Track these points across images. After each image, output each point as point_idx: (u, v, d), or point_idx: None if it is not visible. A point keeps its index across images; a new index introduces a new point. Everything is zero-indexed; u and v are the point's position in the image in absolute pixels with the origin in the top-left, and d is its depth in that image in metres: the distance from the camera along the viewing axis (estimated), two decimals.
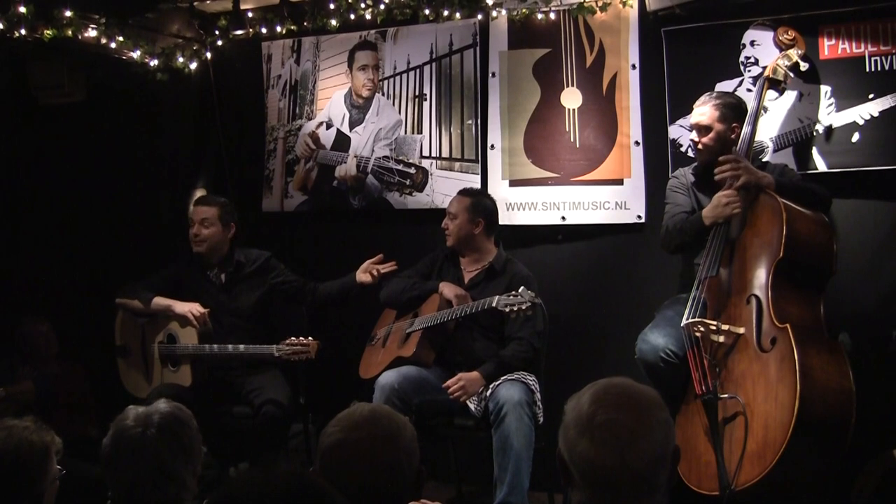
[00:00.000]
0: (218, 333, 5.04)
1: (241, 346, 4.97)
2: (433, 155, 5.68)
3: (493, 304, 4.45)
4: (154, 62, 5.80)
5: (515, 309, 4.36)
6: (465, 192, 5.03)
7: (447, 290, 4.82)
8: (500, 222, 5.29)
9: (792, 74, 4.54)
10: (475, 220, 4.89)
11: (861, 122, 4.64)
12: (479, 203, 4.95)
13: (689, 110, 4.59)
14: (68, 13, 5.14)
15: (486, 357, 4.71)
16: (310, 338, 4.88)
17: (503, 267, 4.88)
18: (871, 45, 4.64)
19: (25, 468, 2.70)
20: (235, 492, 1.69)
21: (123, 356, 5.29)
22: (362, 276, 5.11)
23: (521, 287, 4.43)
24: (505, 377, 4.55)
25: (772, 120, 4.81)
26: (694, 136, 4.50)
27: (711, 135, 4.42)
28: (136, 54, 5.68)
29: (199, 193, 6.14)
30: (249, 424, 4.86)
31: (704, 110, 4.44)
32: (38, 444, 2.75)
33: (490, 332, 4.76)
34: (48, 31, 5.11)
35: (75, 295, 6.03)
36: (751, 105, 4.42)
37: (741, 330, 3.99)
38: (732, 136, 4.39)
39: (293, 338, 4.88)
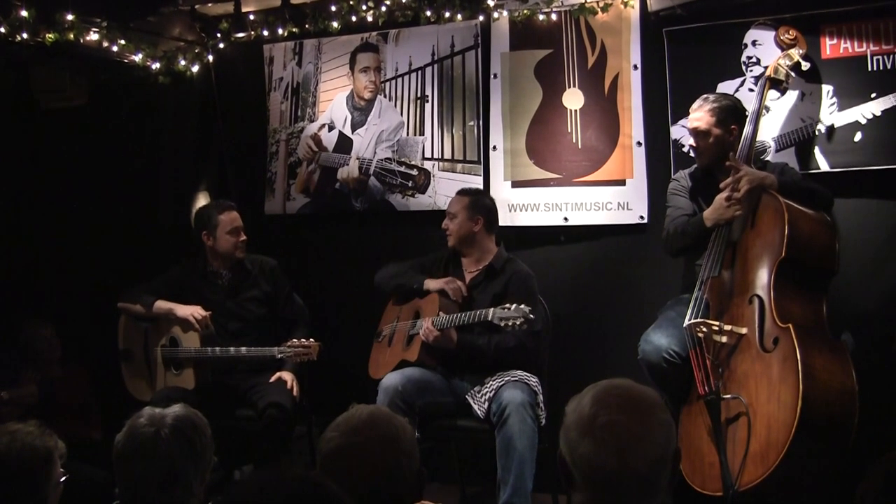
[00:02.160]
0: (223, 338, 5.03)
1: (243, 349, 4.97)
2: (435, 156, 5.69)
3: (489, 318, 4.46)
4: (156, 65, 5.81)
5: (510, 324, 4.37)
6: (463, 192, 5.04)
7: (434, 284, 4.88)
8: (503, 223, 5.29)
9: (793, 74, 4.54)
10: (474, 217, 4.90)
11: (863, 121, 4.64)
12: (478, 201, 4.96)
13: (690, 110, 4.57)
14: (70, 17, 5.14)
15: None
16: (311, 339, 4.88)
17: (503, 266, 4.88)
18: (872, 44, 4.63)
19: (29, 473, 2.70)
20: (246, 493, 1.69)
21: (126, 360, 5.29)
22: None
23: (514, 305, 4.41)
24: (507, 378, 4.55)
25: (773, 120, 4.81)
26: (692, 140, 4.50)
27: (710, 139, 4.41)
28: (137, 58, 5.69)
29: (202, 197, 6.15)
30: (253, 427, 4.86)
31: (700, 115, 4.43)
32: (41, 448, 2.75)
33: (493, 333, 4.75)
34: (50, 35, 5.12)
35: (78, 298, 6.03)
36: (752, 105, 4.42)
37: (743, 330, 3.99)
38: (731, 138, 4.39)
39: (294, 339, 4.88)
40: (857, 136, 4.65)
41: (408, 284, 5.01)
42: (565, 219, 5.35)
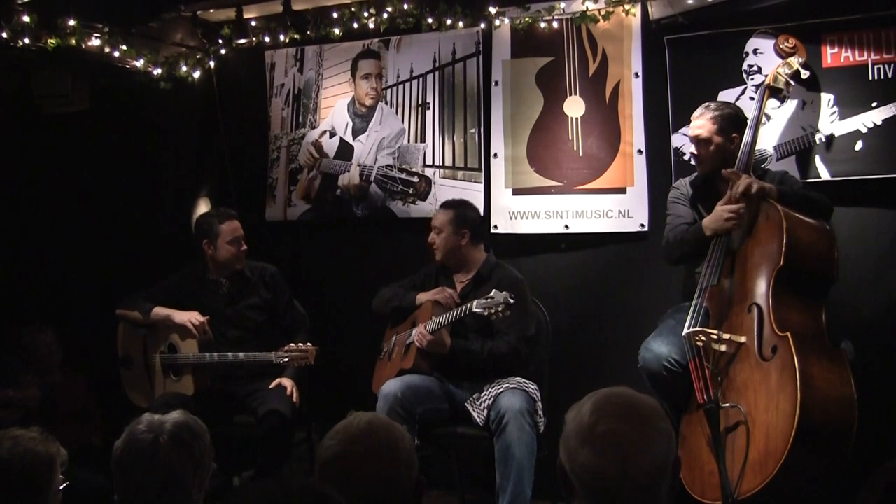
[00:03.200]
0: (223, 346, 5.02)
1: (241, 354, 4.96)
2: (436, 164, 5.69)
3: (473, 309, 4.48)
4: (157, 71, 5.82)
5: (493, 311, 4.39)
6: (447, 205, 5.04)
7: (425, 296, 4.89)
8: (504, 231, 5.31)
9: (793, 82, 4.54)
10: (460, 231, 4.90)
11: (864, 130, 4.64)
12: (463, 214, 4.95)
13: (691, 118, 4.58)
14: (72, 22, 5.14)
15: None
16: (308, 343, 4.88)
17: (490, 273, 4.88)
18: (873, 53, 4.64)
19: (30, 479, 2.70)
20: (248, 502, 1.69)
21: (126, 367, 5.28)
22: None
23: (494, 290, 4.44)
24: (506, 385, 4.55)
25: (774, 128, 4.82)
26: (693, 149, 4.51)
27: (711, 148, 4.41)
28: (139, 63, 5.69)
29: (203, 203, 6.15)
30: (253, 433, 4.85)
31: (702, 123, 4.43)
32: (43, 454, 2.74)
33: (485, 337, 4.75)
34: (52, 41, 5.12)
35: (79, 304, 6.03)
36: (752, 113, 4.41)
37: (742, 339, 3.99)
38: (732, 146, 4.39)
39: (292, 344, 4.88)
40: (858, 145, 4.66)
41: (402, 304, 5.01)
42: (566, 226, 5.35)
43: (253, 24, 5.90)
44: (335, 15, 5.65)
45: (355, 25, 5.63)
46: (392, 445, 2.26)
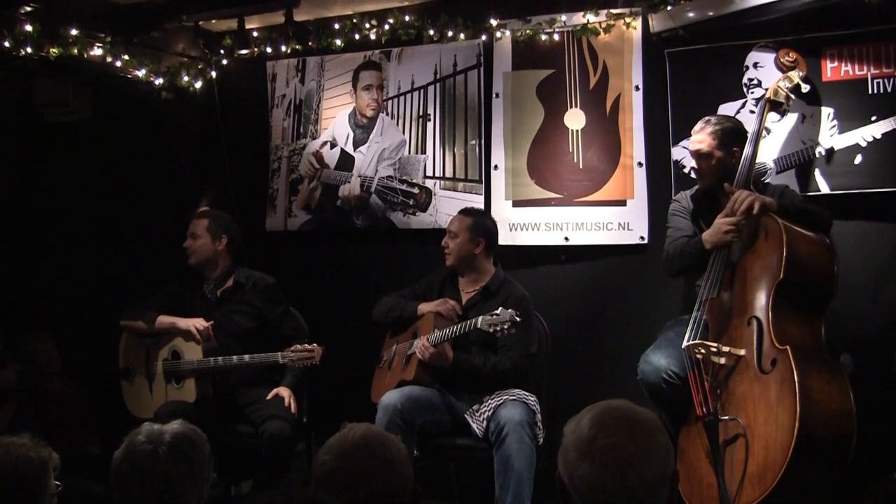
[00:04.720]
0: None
1: (246, 357, 4.94)
2: (437, 175, 5.70)
3: (478, 325, 4.48)
4: (159, 81, 5.82)
5: (498, 328, 4.40)
6: (466, 212, 5.03)
7: (427, 307, 4.89)
8: (504, 243, 5.30)
9: (793, 96, 4.54)
10: (476, 239, 4.90)
11: (864, 143, 4.65)
12: (481, 223, 4.96)
13: (691, 132, 4.58)
14: (74, 32, 5.16)
15: None
16: (314, 343, 4.87)
17: (499, 287, 4.88)
18: (873, 67, 4.65)
19: (23, 484, 2.69)
20: None
21: (127, 378, 5.27)
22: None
23: (500, 307, 4.45)
24: (506, 397, 4.55)
25: (774, 142, 4.82)
26: (694, 163, 4.51)
27: (712, 162, 4.41)
28: (141, 73, 5.70)
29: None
30: (253, 443, 4.84)
31: (702, 137, 4.43)
32: (35, 460, 2.73)
33: (488, 351, 4.75)
34: (54, 50, 5.13)
35: (79, 312, 6.03)
36: (752, 127, 4.42)
37: (742, 352, 3.99)
38: (733, 160, 4.39)
39: (297, 344, 4.87)
40: (857, 159, 4.66)
41: (404, 314, 5.00)
42: (566, 238, 5.36)
43: (255, 34, 5.91)
44: (337, 26, 5.67)
45: (357, 36, 5.64)
46: (387, 458, 2.25)
